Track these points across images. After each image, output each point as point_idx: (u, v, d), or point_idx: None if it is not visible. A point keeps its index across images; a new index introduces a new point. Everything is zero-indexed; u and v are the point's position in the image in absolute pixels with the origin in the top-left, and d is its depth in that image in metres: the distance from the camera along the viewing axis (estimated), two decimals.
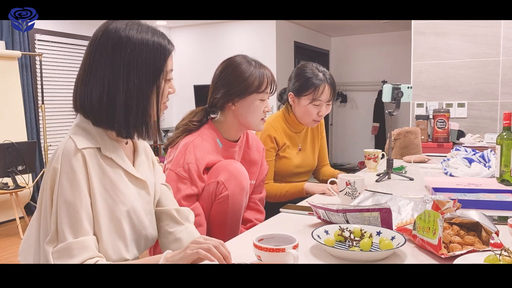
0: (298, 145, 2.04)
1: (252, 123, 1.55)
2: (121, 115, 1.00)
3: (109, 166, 1.02)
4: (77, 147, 0.97)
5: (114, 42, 1.00)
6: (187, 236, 1.19)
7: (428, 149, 2.95)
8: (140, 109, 1.01)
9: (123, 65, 0.99)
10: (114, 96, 0.99)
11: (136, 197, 1.08)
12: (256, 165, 1.68)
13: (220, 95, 1.52)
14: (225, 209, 1.44)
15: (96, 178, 0.99)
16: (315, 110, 1.91)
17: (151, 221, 1.14)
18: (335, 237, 1.12)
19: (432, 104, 3.48)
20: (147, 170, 1.16)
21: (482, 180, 1.84)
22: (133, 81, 0.99)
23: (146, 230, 1.11)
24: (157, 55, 1.02)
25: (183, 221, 1.21)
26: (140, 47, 1.00)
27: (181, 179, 1.42)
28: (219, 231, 1.46)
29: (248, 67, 1.51)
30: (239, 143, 1.61)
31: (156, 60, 1.02)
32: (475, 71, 3.35)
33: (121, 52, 0.99)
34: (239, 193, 1.45)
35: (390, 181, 1.97)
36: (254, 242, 1.00)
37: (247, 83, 1.50)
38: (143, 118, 1.03)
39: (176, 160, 1.45)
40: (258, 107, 1.53)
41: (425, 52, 3.48)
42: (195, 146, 1.46)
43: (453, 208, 1.15)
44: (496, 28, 3.25)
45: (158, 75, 1.03)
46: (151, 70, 1.01)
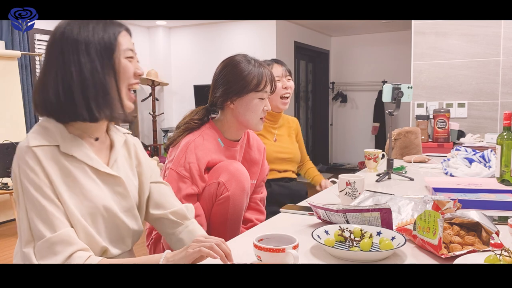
0: (273, 136, 2.12)
1: (250, 122, 1.54)
2: (80, 99, 0.99)
3: (71, 164, 1.01)
4: (29, 145, 0.97)
5: (59, 37, 1.00)
6: (188, 235, 1.19)
7: (428, 149, 2.95)
8: (98, 89, 1.00)
9: (72, 51, 0.99)
10: (69, 84, 0.99)
11: (107, 193, 1.06)
12: (257, 165, 1.68)
13: (219, 94, 1.52)
14: (226, 210, 1.43)
15: (56, 175, 0.98)
16: (279, 84, 2.05)
17: (131, 217, 1.12)
18: (335, 237, 1.12)
19: (432, 104, 3.48)
20: (127, 167, 1.15)
21: (482, 180, 1.84)
22: (85, 63, 0.99)
23: (126, 225, 1.10)
24: (106, 33, 1.02)
25: (181, 220, 1.21)
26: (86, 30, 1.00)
27: (182, 178, 1.42)
28: (219, 232, 1.46)
29: (247, 65, 1.51)
30: (240, 142, 1.61)
31: (106, 38, 1.02)
32: (475, 71, 3.34)
33: (68, 40, 0.99)
34: (240, 194, 1.44)
35: (390, 181, 1.97)
36: (254, 242, 1.00)
37: (245, 82, 1.50)
38: (104, 98, 1.01)
39: (177, 159, 1.44)
40: (257, 106, 1.53)
41: (425, 52, 3.48)
42: (196, 145, 1.46)
43: (453, 208, 1.15)
44: (496, 28, 3.24)
45: (111, 53, 1.02)
46: (101, 48, 1.01)
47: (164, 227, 1.21)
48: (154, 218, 1.21)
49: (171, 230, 1.21)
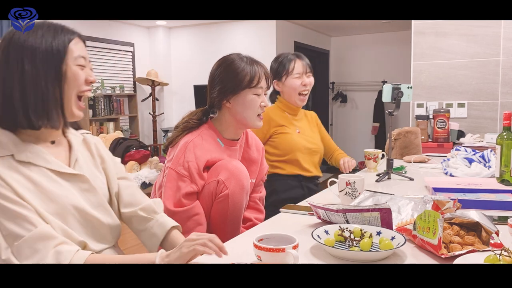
0: (296, 129, 2.16)
1: (248, 119, 1.54)
2: (20, 107, 0.99)
3: (29, 170, 1.00)
4: None
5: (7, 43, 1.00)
6: (160, 229, 1.21)
7: (428, 149, 2.95)
8: (38, 97, 1.00)
9: (17, 58, 0.98)
10: (10, 91, 0.99)
11: (75, 192, 1.06)
12: (256, 164, 1.68)
13: (216, 94, 1.53)
14: (225, 208, 1.44)
15: (17, 184, 0.97)
16: (298, 81, 2.11)
17: (103, 212, 1.12)
18: (335, 237, 1.12)
19: (432, 104, 3.48)
20: (90, 164, 1.16)
21: (482, 180, 1.84)
22: (27, 71, 0.98)
23: (100, 221, 1.10)
24: (55, 40, 1.01)
25: (150, 215, 1.23)
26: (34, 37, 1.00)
27: (181, 177, 1.42)
28: (219, 230, 1.46)
29: (240, 63, 1.52)
30: (240, 142, 1.62)
31: (54, 45, 1.01)
32: (475, 71, 3.34)
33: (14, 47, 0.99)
34: (239, 192, 1.45)
35: (390, 181, 1.97)
36: (254, 242, 1.00)
37: (239, 79, 1.50)
38: (43, 107, 1.01)
39: (176, 158, 1.45)
40: (253, 102, 1.53)
41: (425, 52, 3.48)
42: (195, 145, 1.47)
43: (453, 208, 1.15)
44: (496, 28, 3.24)
45: (59, 60, 1.01)
46: (48, 55, 1.00)
47: (135, 224, 1.23)
48: (125, 217, 1.22)
49: (142, 227, 1.22)
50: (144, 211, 1.22)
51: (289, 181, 2.11)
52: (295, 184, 2.11)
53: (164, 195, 1.43)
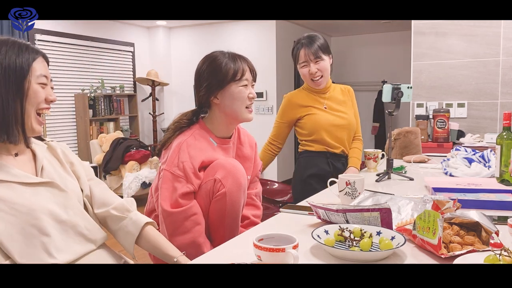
0: (323, 105, 2.21)
1: (238, 112, 1.54)
2: None
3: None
4: None
5: None
6: (135, 227, 1.24)
7: (428, 149, 2.95)
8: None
9: None
10: None
11: (47, 199, 1.08)
12: (250, 160, 1.69)
13: (203, 92, 1.54)
14: (223, 206, 1.44)
15: None
16: (305, 70, 2.16)
17: (79, 215, 1.14)
18: (335, 237, 1.12)
19: (432, 104, 3.48)
20: (60, 170, 1.18)
21: (482, 180, 1.84)
22: None
23: (77, 224, 1.12)
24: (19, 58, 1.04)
25: (123, 214, 1.25)
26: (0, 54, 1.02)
27: (176, 178, 1.42)
28: (218, 229, 1.46)
29: (222, 58, 1.53)
30: (232, 139, 1.62)
31: (18, 63, 1.04)
32: (475, 71, 3.35)
33: None
34: (237, 190, 1.45)
35: (390, 181, 1.97)
36: (254, 242, 1.00)
37: (223, 73, 1.51)
38: (3, 120, 1.03)
39: (170, 160, 1.45)
40: (240, 93, 1.53)
41: (425, 52, 3.48)
42: (188, 144, 1.47)
43: (453, 208, 1.15)
44: (496, 28, 3.25)
45: (21, 78, 1.04)
46: (10, 72, 1.03)
47: (110, 224, 1.25)
48: (100, 218, 1.24)
49: (116, 226, 1.24)
50: (116, 210, 1.24)
51: (315, 158, 2.20)
52: (322, 160, 2.20)
53: (160, 196, 1.43)
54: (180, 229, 1.39)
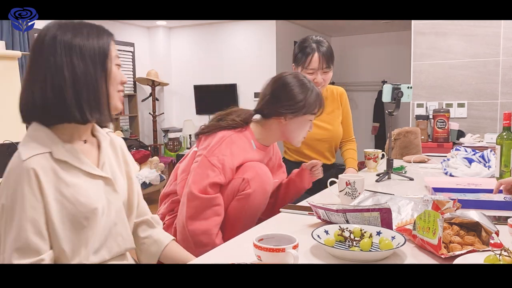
0: None
1: (295, 139, 1.64)
2: (72, 101, 0.99)
3: (64, 170, 1.01)
4: (22, 158, 0.96)
5: (51, 40, 1.00)
6: (164, 236, 1.24)
7: (428, 149, 2.95)
8: (90, 91, 1.01)
9: (65, 54, 0.99)
10: (60, 85, 0.98)
11: (101, 196, 1.06)
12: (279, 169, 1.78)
13: (277, 106, 1.57)
14: (244, 206, 1.47)
15: (49, 184, 0.97)
16: (311, 78, 2.04)
17: (121, 219, 1.13)
18: (335, 237, 1.12)
19: (432, 104, 3.48)
20: (115, 167, 1.15)
21: (482, 180, 1.84)
22: (78, 65, 0.99)
23: (116, 228, 1.11)
24: (100, 40, 1.03)
25: (156, 225, 1.26)
26: (80, 35, 1.01)
27: (212, 166, 1.45)
28: (232, 228, 1.48)
29: (315, 91, 1.59)
30: (270, 148, 1.68)
31: (100, 44, 1.03)
32: (475, 71, 3.35)
33: (61, 43, 0.99)
34: (261, 194, 1.48)
35: (390, 181, 1.97)
36: (254, 242, 1.00)
37: (311, 105, 1.58)
38: (96, 101, 1.02)
39: (212, 149, 1.48)
40: (306, 126, 1.63)
41: (425, 52, 3.48)
42: (232, 141, 1.51)
43: (453, 208, 1.15)
44: (496, 28, 3.25)
45: (104, 59, 1.03)
46: (95, 53, 1.02)
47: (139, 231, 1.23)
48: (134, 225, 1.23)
49: (147, 233, 1.23)
50: (153, 219, 1.26)
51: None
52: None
53: (191, 178, 1.45)
54: (201, 215, 1.41)
